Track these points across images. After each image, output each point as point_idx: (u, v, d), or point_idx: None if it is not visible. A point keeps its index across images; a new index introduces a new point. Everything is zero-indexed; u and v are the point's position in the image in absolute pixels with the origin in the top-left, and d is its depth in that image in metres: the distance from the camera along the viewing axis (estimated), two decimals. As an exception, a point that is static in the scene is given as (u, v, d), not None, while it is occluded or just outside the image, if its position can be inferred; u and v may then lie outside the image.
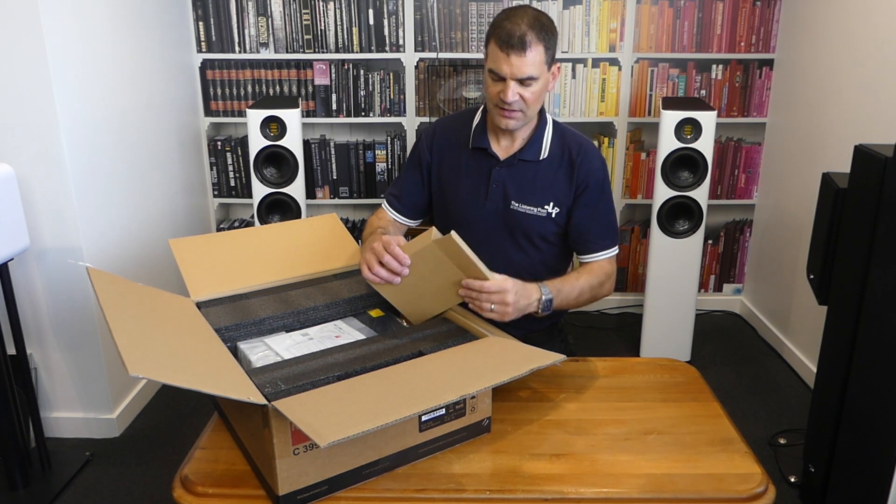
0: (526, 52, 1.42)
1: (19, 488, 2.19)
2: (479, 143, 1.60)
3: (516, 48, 1.41)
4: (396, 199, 1.72)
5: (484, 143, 1.60)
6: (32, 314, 2.40)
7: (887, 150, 1.72)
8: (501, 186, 1.58)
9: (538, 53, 1.43)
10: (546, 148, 1.58)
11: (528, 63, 1.42)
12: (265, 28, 3.22)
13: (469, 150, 1.62)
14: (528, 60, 1.42)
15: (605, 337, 3.34)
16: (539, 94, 1.49)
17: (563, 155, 1.58)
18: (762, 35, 3.22)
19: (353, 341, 1.27)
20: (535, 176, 1.58)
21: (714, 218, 3.46)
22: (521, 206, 1.57)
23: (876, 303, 1.76)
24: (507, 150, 1.60)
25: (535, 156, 1.58)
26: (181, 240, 1.50)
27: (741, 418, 2.63)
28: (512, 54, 1.42)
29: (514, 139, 1.59)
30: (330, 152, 3.34)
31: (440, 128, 1.69)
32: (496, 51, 1.44)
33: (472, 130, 1.63)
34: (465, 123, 1.65)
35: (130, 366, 0.94)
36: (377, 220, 1.72)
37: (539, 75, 1.46)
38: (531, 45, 1.42)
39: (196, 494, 1.08)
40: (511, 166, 1.58)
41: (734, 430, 1.23)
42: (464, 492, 1.08)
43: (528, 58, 1.42)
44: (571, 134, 1.62)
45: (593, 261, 1.60)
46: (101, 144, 2.47)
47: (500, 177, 1.58)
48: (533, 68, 1.44)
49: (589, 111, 3.31)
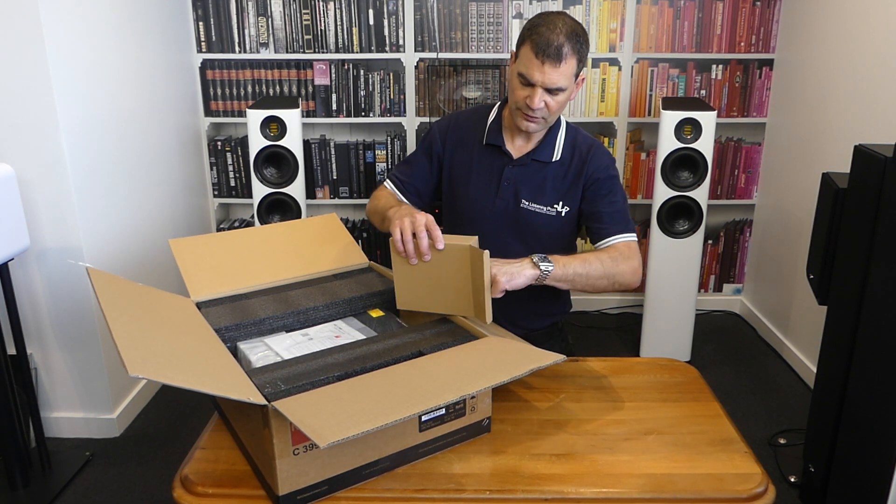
0: (561, 63, 1.40)
1: (19, 488, 2.20)
2: (494, 140, 1.61)
3: (552, 58, 1.40)
4: (402, 184, 1.69)
5: (498, 140, 1.60)
6: (32, 314, 2.40)
7: (887, 150, 1.72)
8: (513, 185, 1.58)
9: (571, 66, 1.43)
10: (559, 149, 1.59)
11: (560, 74, 1.42)
12: (265, 28, 3.22)
13: (482, 147, 1.63)
14: (561, 72, 1.41)
15: (605, 337, 3.34)
16: (563, 104, 1.49)
17: (574, 156, 1.59)
18: (762, 35, 3.22)
19: (353, 341, 1.27)
20: (546, 176, 1.58)
21: (714, 218, 3.46)
22: (532, 206, 1.58)
23: (876, 303, 1.76)
24: (520, 150, 1.60)
25: (548, 157, 1.58)
26: (181, 240, 1.50)
27: (741, 418, 2.63)
28: (546, 63, 1.40)
29: (529, 139, 1.60)
30: (330, 152, 3.35)
31: (455, 122, 1.68)
32: (530, 56, 1.42)
33: (486, 127, 1.63)
34: (480, 120, 1.65)
35: (130, 366, 0.94)
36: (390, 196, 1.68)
37: (567, 87, 1.45)
38: (566, 58, 1.41)
39: (196, 494, 1.08)
40: (524, 166, 1.59)
41: (734, 430, 1.23)
42: (464, 492, 1.08)
43: (562, 69, 1.41)
44: (583, 136, 1.62)
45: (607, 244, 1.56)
46: (102, 144, 2.47)
47: (512, 175, 1.58)
48: (564, 80, 1.43)
49: (589, 111, 3.31)
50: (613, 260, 1.49)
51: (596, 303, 3.59)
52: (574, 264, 1.42)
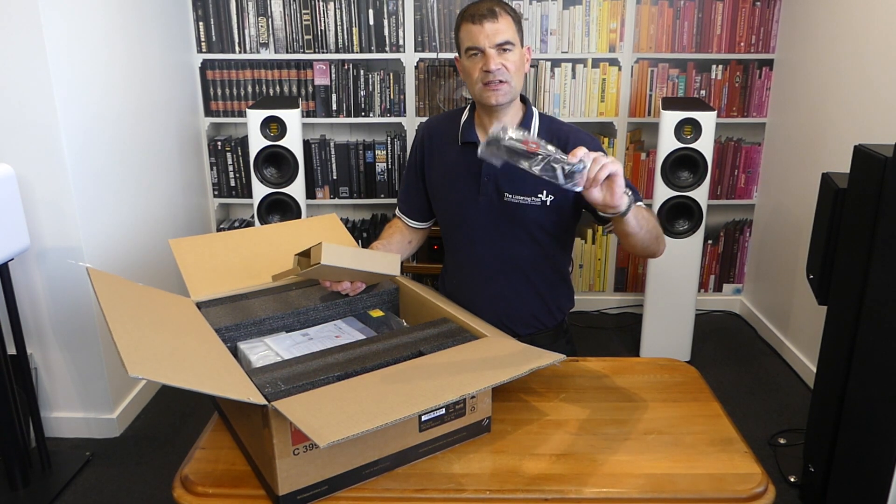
0: (497, 19, 1.48)
1: (19, 488, 2.20)
2: (469, 137, 1.61)
3: (488, 17, 1.48)
4: (405, 205, 1.77)
5: (473, 137, 1.60)
6: (32, 314, 2.40)
7: (887, 150, 1.72)
8: (493, 179, 1.57)
9: (508, 22, 1.50)
10: (534, 136, 1.58)
11: (502, 28, 1.48)
12: (265, 28, 3.22)
13: (459, 147, 1.63)
14: (500, 26, 1.48)
15: (605, 337, 3.34)
16: (519, 64, 1.53)
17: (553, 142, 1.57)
18: (762, 35, 3.22)
19: (353, 341, 1.27)
20: None
21: (714, 218, 3.46)
22: (515, 197, 1.56)
23: (876, 303, 1.76)
24: None
25: None
26: (181, 240, 1.50)
27: (741, 418, 2.63)
28: (486, 23, 1.48)
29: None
30: (330, 152, 3.35)
31: (428, 129, 1.71)
32: (469, 27, 1.50)
33: (460, 127, 1.64)
34: (452, 121, 1.66)
35: (130, 366, 0.94)
36: (387, 229, 1.78)
37: (515, 43, 1.50)
38: (500, 15, 1.49)
39: (196, 494, 1.08)
40: None
41: (734, 430, 1.23)
42: (464, 492, 1.08)
43: (500, 24, 1.48)
44: (559, 123, 1.61)
45: None
46: (102, 144, 2.47)
47: (490, 170, 1.57)
48: (508, 34, 1.49)
49: (589, 111, 3.31)
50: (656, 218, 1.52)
51: (596, 303, 3.59)
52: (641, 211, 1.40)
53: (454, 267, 1.70)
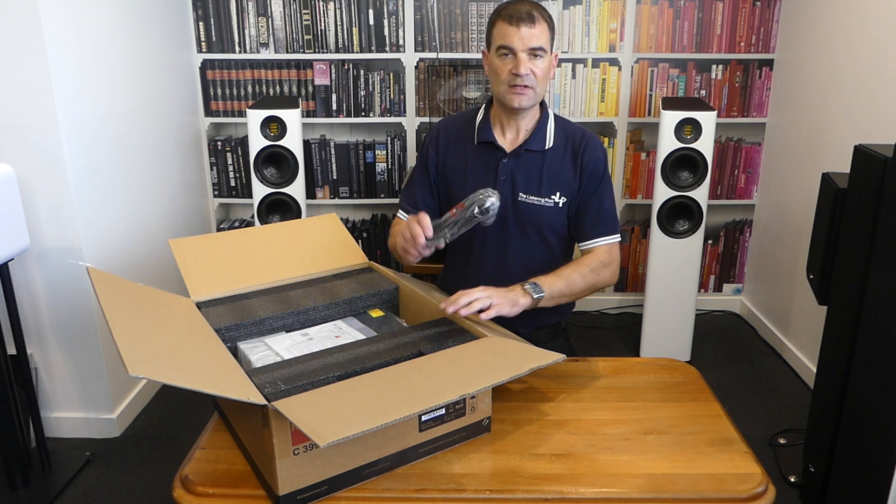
0: (535, 25, 1.48)
1: (19, 488, 2.19)
2: (485, 136, 1.62)
3: (525, 21, 1.48)
4: (413, 207, 1.71)
5: (490, 136, 1.61)
6: (32, 314, 2.40)
7: (887, 150, 1.72)
8: (510, 178, 1.59)
9: (545, 29, 1.50)
10: (550, 137, 1.60)
11: (537, 34, 1.48)
12: (265, 28, 3.22)
13: (475, 146, 1.64)
14: (537, 32, 1.48)
15: (605, 337, 3.34)
16: (546, 72, 1.53)
17: (567, 144, 1.61)
18: (762, 35, 3.22)
19: (353, 341, 1.27)
20: (542, 166, 1.59)
21: (714, 218, 3.46)
22: (529, 198, 1.59)
23: (876, 303, 1.76)
24: (512, 142, 1.62)
25: (540, 145, 1.59)
26: (181, 240, 1.50)
27: (741, 418, 2.63)
28: (522, 26, 1.47)
29: (519, 131, 1.61)
30: (330, 152, 3.34)
31: (443, 127, 1.71)
32: (505, 27, 1.49)
33: (476, 127, 1.64)
34: (468, 121, 1.67)
35: (130, 366, 0.94)
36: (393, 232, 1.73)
37: (547, 50, 1.51)
38: (538, 21, 1.49)
39: (196, 494, 1.08)
40: (518, 157, 1.60)
41: (734, 430, 1.23)
42: (464, 492, 1.08)
43: (537, 30, 1.48)
44: (573, 125, 1.65)
45: (591, 247, 1.61)
46: (102, 144, 2.47)
47: (508, 168, 1.59)
48: (542, 40, 1.49)
49: (589, 111, 3.31)
50: (594, 271, 1.56)
51: (596, 303, 3.59)
52: (559, 286, 1.48)
53: (460, 265, 1.70)
